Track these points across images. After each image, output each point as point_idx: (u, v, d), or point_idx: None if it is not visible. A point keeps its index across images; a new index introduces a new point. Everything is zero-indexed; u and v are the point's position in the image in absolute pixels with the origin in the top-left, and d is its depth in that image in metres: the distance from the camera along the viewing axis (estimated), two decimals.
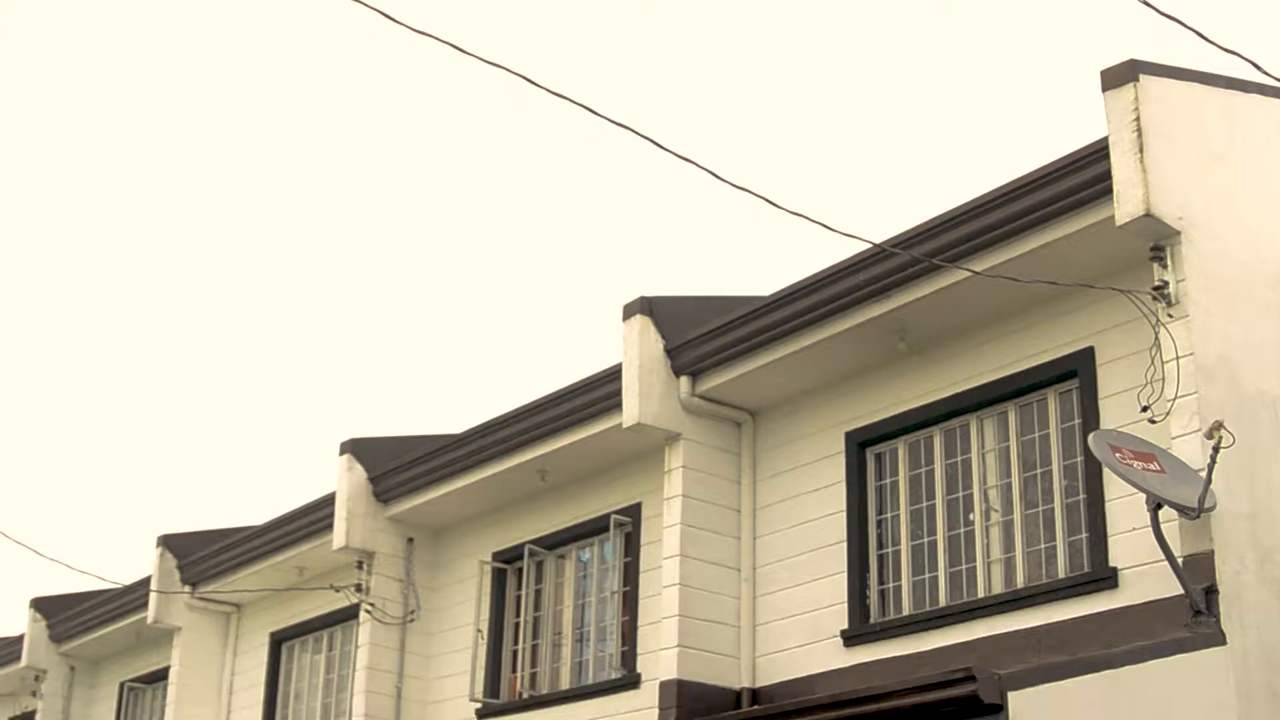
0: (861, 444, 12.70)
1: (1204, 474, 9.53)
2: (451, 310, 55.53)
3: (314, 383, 57.08)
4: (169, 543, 20.12)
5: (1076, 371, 11.23)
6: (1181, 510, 9.54)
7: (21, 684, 24.12)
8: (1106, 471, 10.37)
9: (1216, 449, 9.54)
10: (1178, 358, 9.98)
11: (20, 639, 23.63)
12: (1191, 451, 9.74)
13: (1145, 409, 10.04)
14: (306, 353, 57.37)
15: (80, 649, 22.97)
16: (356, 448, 16.83)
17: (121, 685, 22.63)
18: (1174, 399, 9.93)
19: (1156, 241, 10.24)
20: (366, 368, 55.95)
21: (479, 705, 15.51)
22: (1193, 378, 9.89)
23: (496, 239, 54.42)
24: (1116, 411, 10.71)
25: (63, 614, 23.04)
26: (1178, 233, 10.21)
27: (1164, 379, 10.02)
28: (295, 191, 55.34)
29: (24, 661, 23.18)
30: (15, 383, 56.01)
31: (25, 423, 56.89)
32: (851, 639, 12.17)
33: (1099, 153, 10.47)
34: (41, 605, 23.42)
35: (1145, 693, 8.89)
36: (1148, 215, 10.04)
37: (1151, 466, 9.69)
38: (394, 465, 16.50)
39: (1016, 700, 8.27)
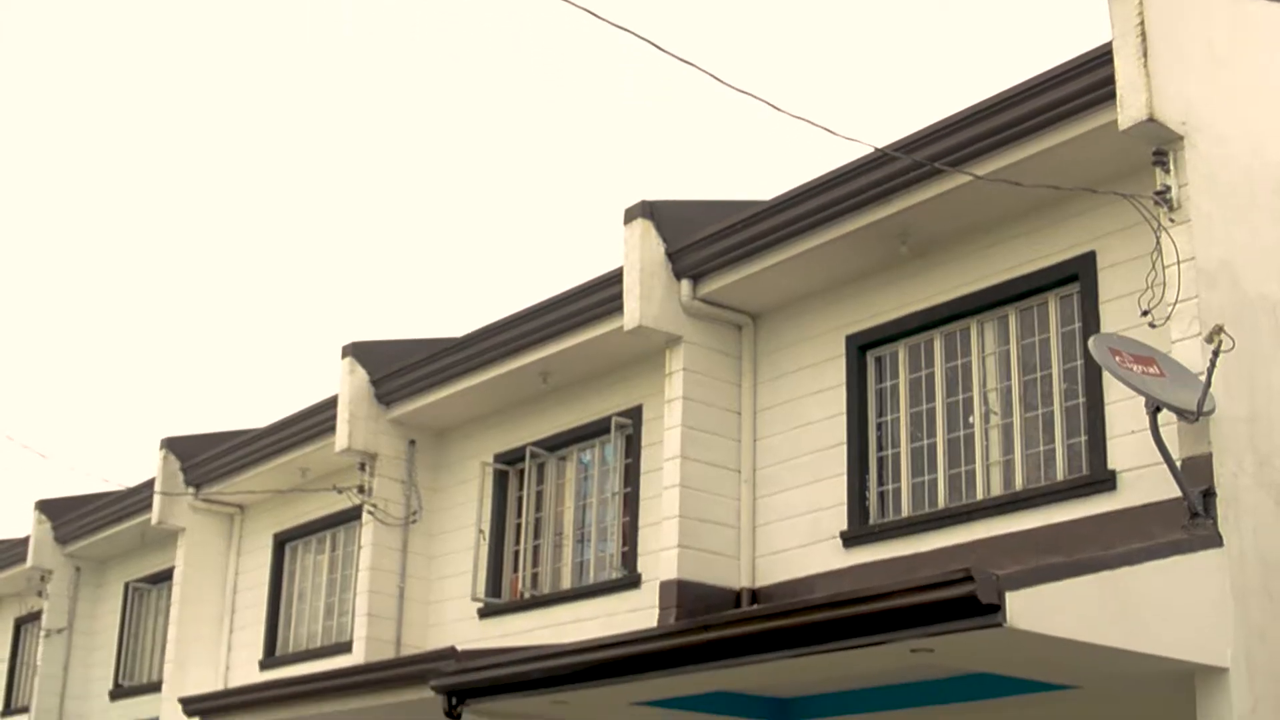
0: (862, 347, 12.70)
1: (1203, 378, 9.53)
2: (455, 213, 55.32)
3: (317, 286, 57.01)
4: (173, 445, 20.19)
5: (1077, 276, 11.20)
6: (1180, 414, 9.55)
7: (28, 584, 24.31)
8: (1106, 375, 10.38)
9: (1216, 353, 9.54)
10: (1179, 262, 9.94)
11: (26, 540, 23.78)
12: (1191, 355, 9.74)
13: (1145, 313, 10.02)
14: (310, 256, 57.22)
15: (85, 550, 23.12)
16: (358, 351, 16.84)
17: (126, 585, 22.81)
18: (1174, 303, 9.90)
19: (1159, 146, 10.16)
20: (369, 271, 55.87)
21: (481, 605, 15.64)
22: (1193, 282, 9.86)
23: (500, 143, 54.11)
24: (1117, 316, 10.69)
25: (67, 516, 23.17)
26: (1181, 137, 10.13)
27: (1164, 283, 9.99)
28: (301, 96, 54.92)
29: (29, 562, 23.34)
30: (21, 287, 55.92)
31: (30, 327, 56.87)
32: (851, 540, 12.25)
33: (1102, 57, 10.37)
34: (46, 507, 23.55)
35: (1142, 594, 8.93)
36: (1151, 120, 9.96)
37: (1151, 370, 9.68)
38: (396, 368, 16.51)
39: (1014, 600, 8.29)
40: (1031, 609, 8.34)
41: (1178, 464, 9.61)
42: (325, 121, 55.86)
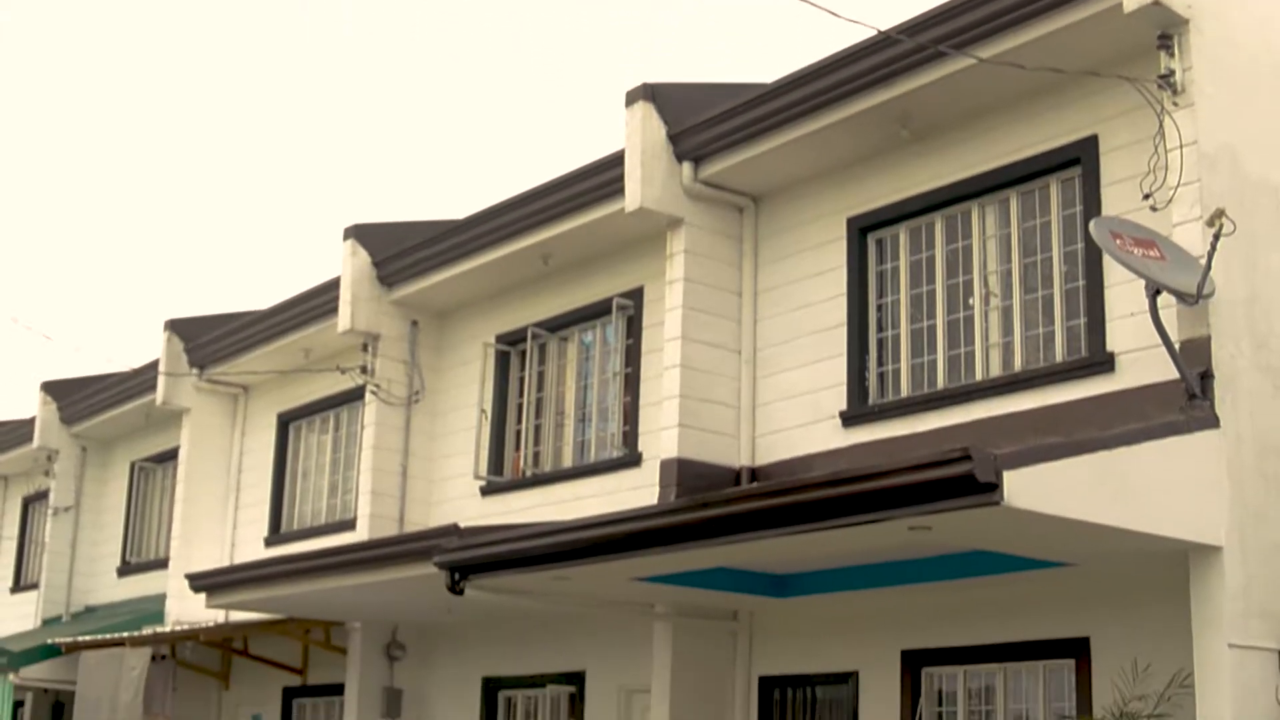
0: (863, 229, 12.61)
1: (1203, 261, 9.47)
2: (458, 95, 54.82)
3: (320, 168, 56.62)
4: (176, 327, 20.16)
5: (1079, 159, 11.09)
6: (1180, 296, 9.51)
7: (35, 464, 24.41)
8: (1106, 258, 10.31)
9: (1217, 236, 9.47)
10: (1181, 146, 9.84)
11: (32, 421, 23.83)
12: (1192, 239, 9.67)
13: (1147, 196, 9.94)
14: (313, 137, 56.78)
15: (91, 430, 23.17)
16: (360, 233, 16.75)
17: (132, 465, 22.89)
18: (1176, 186, 9.82)
19: (1164, 29, 10.01)
20: (372, 153, 55.48)
21: (483, 483, 15.70)
22: (1195, 166, 9.76)
23: (504, 23, 53.47)
24: (1118, 199, 10.60)
25: (73, 396, 23.20)
26: (1186, 20, 9.98)
27: (1167, 167, 9.90)
28: None
29: (36, 442, 23.42)
30: (25, 169, 55.52)
31: (35, 209, 56.55)
32: (850, 420, 12.26)
33: None
34: (52, 388, 23.57)
35: (1138, 474, 8.95)
36: (1156, 3, 9.81)
37: (1151, 253, 9.62)
38: (398, 250, 16.43)
39: (1012, 479, 8.30)
40: (1028, 488, 8.36)
41: (1176, 346, 9.58)
42: (330, 1, 55.19)
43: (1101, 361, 10.56)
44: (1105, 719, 9.83)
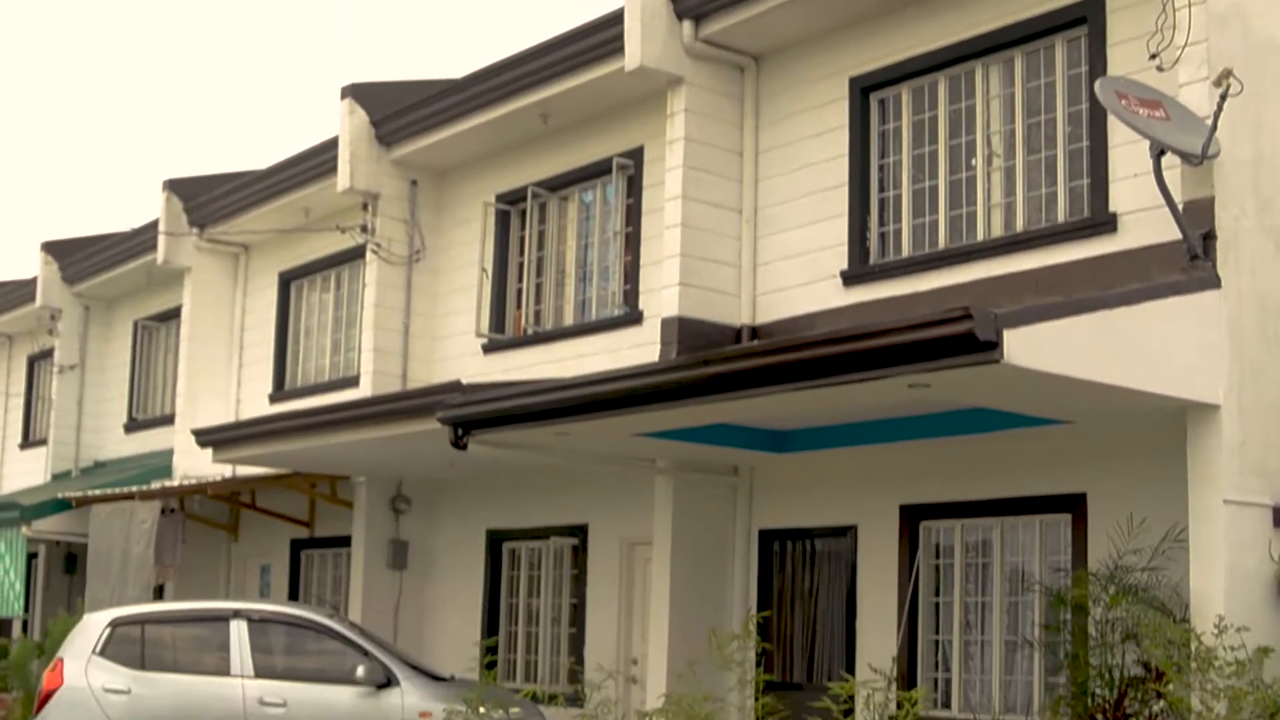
0: (865, 89, 12.40)
1: (1209, 121, 9.33)
2: None
3: (317, 26, 55.81)
4: (175, 186, 19.96)
5: (1085, 18, 10.86)
6: (1184, 156, 9.38)
7: (39, 323, 24.34)
8: (1111, 119, 10.16)
9: (1224, 97, 9.30)
10: (1189, 5, 9.62)
11: (34, 281, 23.70)
12: (1198, 99, 9.51)
13: (1154, 56, 9.75)
14: None
15: (93, 289, 23.07)
16: (357, 92, 16.50)
17: (135, 323, 22.83)
18: (1184, 46, 9.62)
19: None
20: (371, 12, 54.62)
21: (485, 340, 15.65)
22: (1204, 25, 9.56)
23: None
24: (1124, 59, 10.40)
25: (74, 256, 23.04)
26: None
27: (1174, 26, 9.69)
28: None
29: (39, 301, 23.32)
30: (25, 31, 54.69)
31: (34, 71, 55.81)
32: (851, 279, 12.17)
33: None
34: (53, 248, 23.41)
35: (1138, 333, 8.90)
36: None
37: (1157, 113, 9.47)
38: (396, 109, 16.19)
39: (1012, 338, 8.25)
40: (1028, 346, 8.32)
41: (1179, 207, 9.48)
42: None
43: (1104, 222, 10.45)
44: (1101, 572, 9.91)
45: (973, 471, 11.29)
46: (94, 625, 12.92)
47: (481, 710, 11.50)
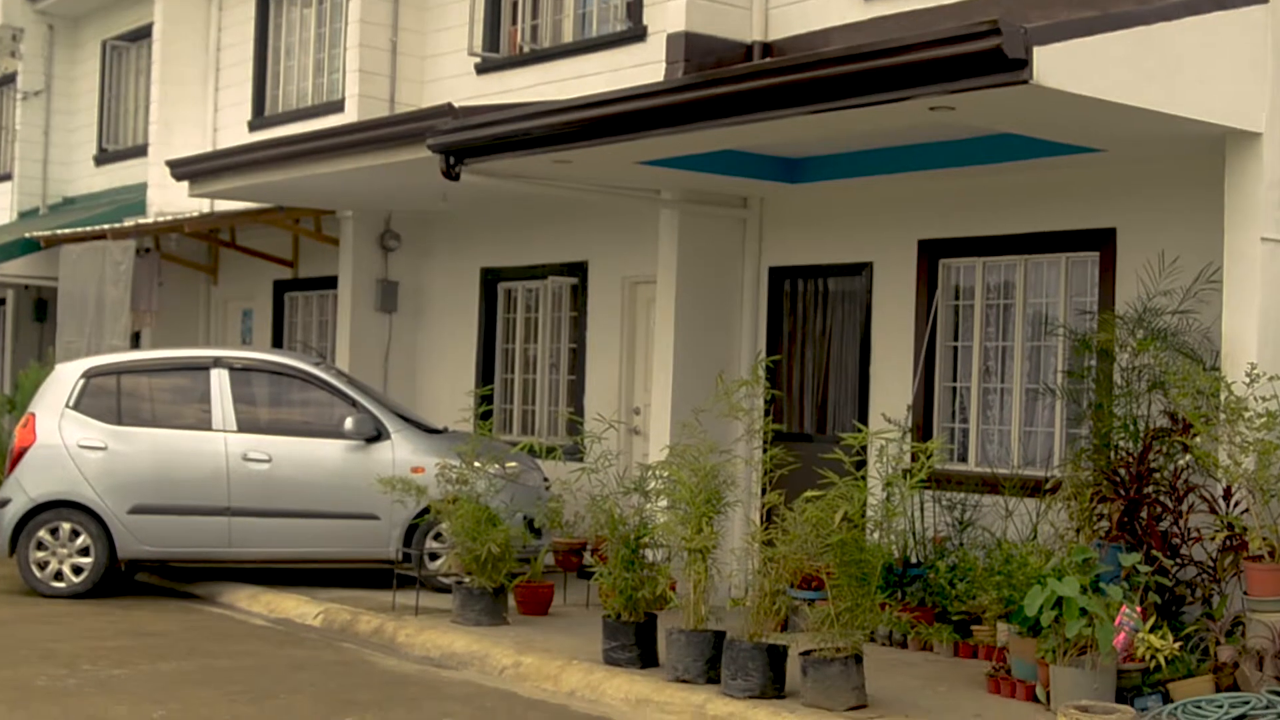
0: None
1: None
2: None
3: None
4: None
5: None
6: None
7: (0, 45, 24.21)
8: None
9: None
10: None
11: None
12: None
13: None
14: None
15: (57, 6, 22.96)
16: None
17: (104, 44, 22.76)
18: None
19: None
20: None
21: (478, 60, 15.60)
22: None
23: None
24: None
25: None
26: None
27: None
28: None
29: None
30: None
31: None
32: None
33: None
34: None
35: (1177, 51, 8.91)
36: None
37: None
38: None
39: (1042, 56, 8.27)
40: (1059, 65, 8.37)
41: None
42: None
43: None
44: (1128, 315, 10.10)
45: (996, 204, 11.42)
46: (67, 376, 13.24)
47: (476, 464, 11.89)
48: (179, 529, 12.77)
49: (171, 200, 18.97)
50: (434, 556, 12.76)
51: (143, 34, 21.24)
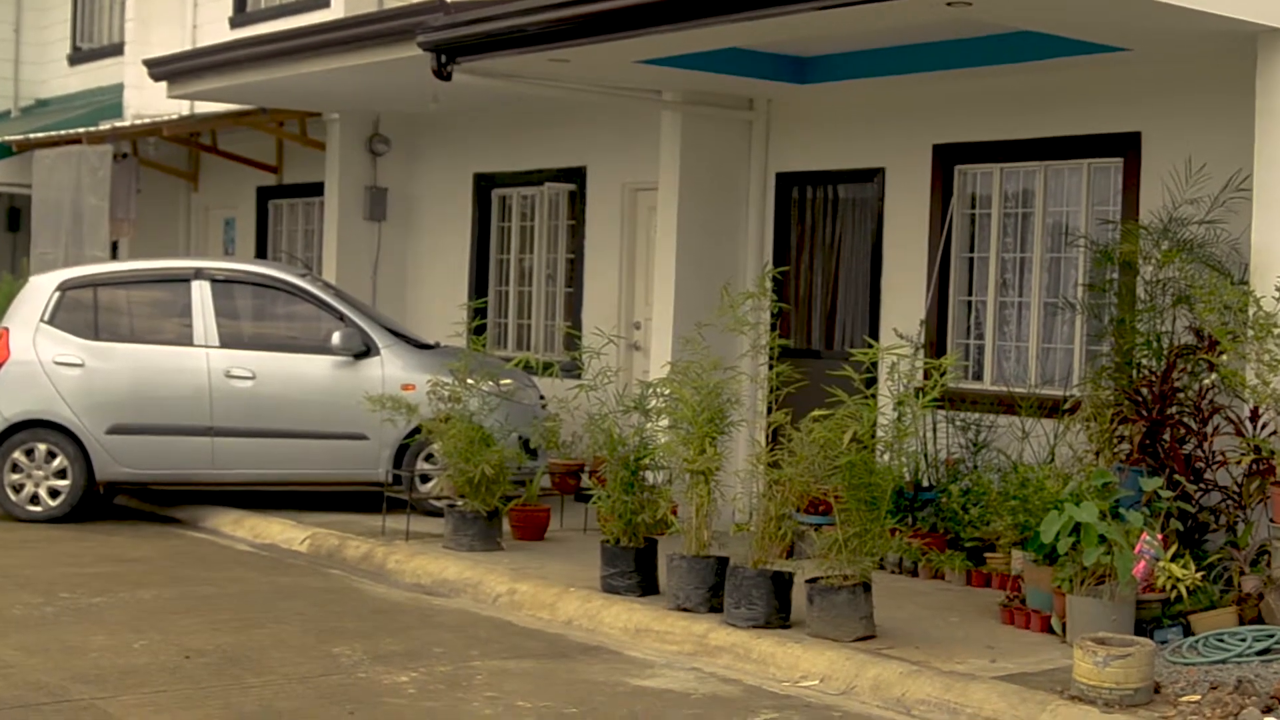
0: None
1: None
2: None
3: None
4: None
5: None
6: None
7: None
8: None
9: None
10: None
11: None
12: None
13: None
14: None
15: None
16: None
17: None
18: None
19: None
20: None
21: None
22: None
23: None
24: None
25: None
26: None
27: None
28: None
29: None
30: None
31: None
32: None
33: None
34: None
35: None
36: None
37: None
38: None
39: None
40: None
41: None
42: None
43: None
44: (1153, 225, 10.03)
45: (1015, 107, 11.33)
46: (41, 289, 13.17)
47: (469, 382, 11.87)
48: (159, 450, 12.78)
49: (150, 102, 18.87)
50: (425, 478, 12.78)
51: None
